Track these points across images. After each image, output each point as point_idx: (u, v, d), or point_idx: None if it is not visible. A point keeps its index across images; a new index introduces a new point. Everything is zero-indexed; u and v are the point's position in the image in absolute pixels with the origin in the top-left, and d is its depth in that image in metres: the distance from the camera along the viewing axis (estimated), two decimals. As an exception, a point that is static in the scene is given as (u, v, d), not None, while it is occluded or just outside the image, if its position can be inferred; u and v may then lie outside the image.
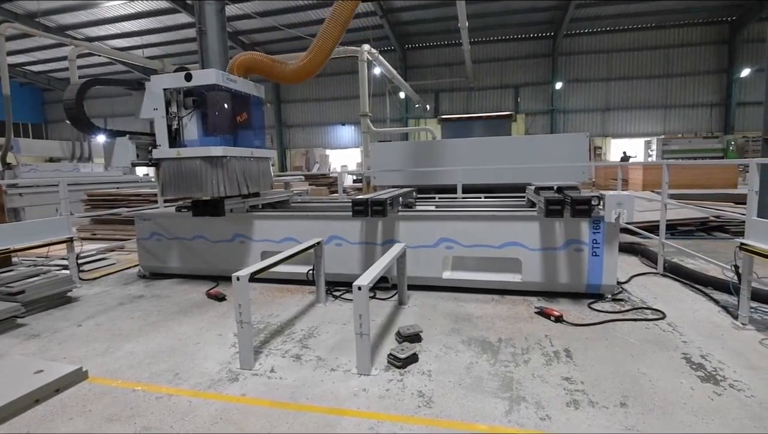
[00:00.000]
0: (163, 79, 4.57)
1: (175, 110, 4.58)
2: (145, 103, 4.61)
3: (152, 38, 22.14)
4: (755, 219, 3.33)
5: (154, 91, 4.56)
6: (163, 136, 4.59)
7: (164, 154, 4.61)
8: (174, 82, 4.52)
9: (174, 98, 4.57)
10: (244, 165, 4.90)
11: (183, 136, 4.64)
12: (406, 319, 3.68)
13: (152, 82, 4.56)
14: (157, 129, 4.60)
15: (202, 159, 4.50)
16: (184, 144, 4.63)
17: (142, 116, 4.66)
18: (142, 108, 4.63)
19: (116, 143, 4.59)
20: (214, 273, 5.05)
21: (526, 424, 2.22)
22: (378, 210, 4.10)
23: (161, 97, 4.55)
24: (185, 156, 4.54)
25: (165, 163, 4.65)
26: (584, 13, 20.78)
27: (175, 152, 4.56)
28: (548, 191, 4.32)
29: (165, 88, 4.54)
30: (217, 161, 4.51)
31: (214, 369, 2.91)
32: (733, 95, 21.97)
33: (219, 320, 3.82)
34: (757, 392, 2.44)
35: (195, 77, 4.43)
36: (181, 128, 4.61)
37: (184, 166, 4.56)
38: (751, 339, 3.12)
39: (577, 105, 24.31)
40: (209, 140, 4.57)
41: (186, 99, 4.60)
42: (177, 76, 4.51)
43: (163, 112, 4.56)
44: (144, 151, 4.75)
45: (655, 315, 3.62)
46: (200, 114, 4.61)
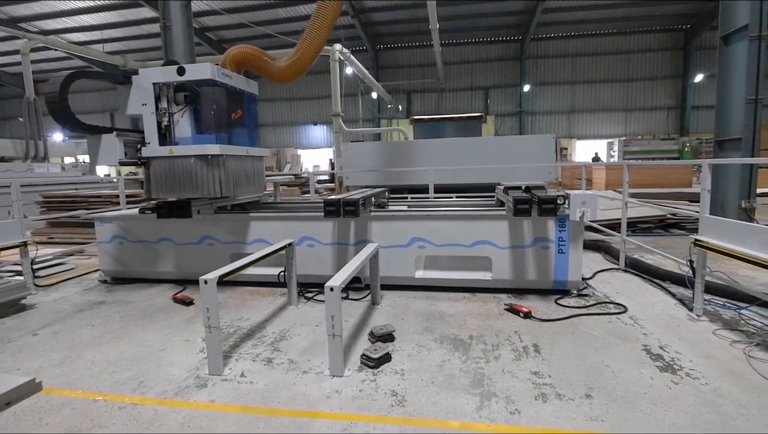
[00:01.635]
0: (153, 73, 4.29)
1: (165, 106, 4.32)
2: (132, 98, 4.32)
3: (113, 32, 21.27)
4: (708, 217, 3.53)
5: (142, 86, 4.28)
6: (153, 133, 4.32)
7: (155, 152, 4.35)
8: (165, 76, 4.25)
9: (164, 93, 4.31)
10: (240, 164, 4.72)
11: (174, 134, 4.40)
12: (380, 319, 3.69)
13: (141, 76, 4.27)
14: (146, 126, 4.32)
15: (197, 157, 4.27)
16: (175, 142, 4.39)
17: (129, 112, 4.39)
18: (129, 103, 4.35)
19: (102, 140, 4.34)
20: (181, 277, 4.90)
21: (497, 419, 2.26)
22: (350, 210, 4.08)
23: (150, 92, 4.27)
24: (178, 154, 4.31)
25: (156, 161, 4.38)
26: (550, 18, 21.43)
27: (167, 150, 4.30)
28: (516, 191, 4.42)
29: (155, 82, 4.27)
30: (213, 160, 4.30)
31: (181, 375, 2.81)
32: (688, 99, 23.25)
33: (186, 325, 3.70)
34: (710, 380, 2.58)
35: (188, 71, 4.19)
36: (173, 125, 4.37)
37: (177, 165, 4.32)
38: (705, 330, 3.30)
39: (544, 107, 25.06)
40: (204, 138, 4.35)
41: (177, 94, 4.34)
42: (168, 70, 4.25)
43: (153, 108, 4.29)
44: (132, 150, 4.51)
45: (617, 309, 3.78)
46: (193, 110, 4.38)
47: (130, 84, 4.33)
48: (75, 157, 17.87)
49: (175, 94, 4.34)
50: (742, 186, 6.35)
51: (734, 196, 6.39)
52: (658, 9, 20.69)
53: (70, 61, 23.45)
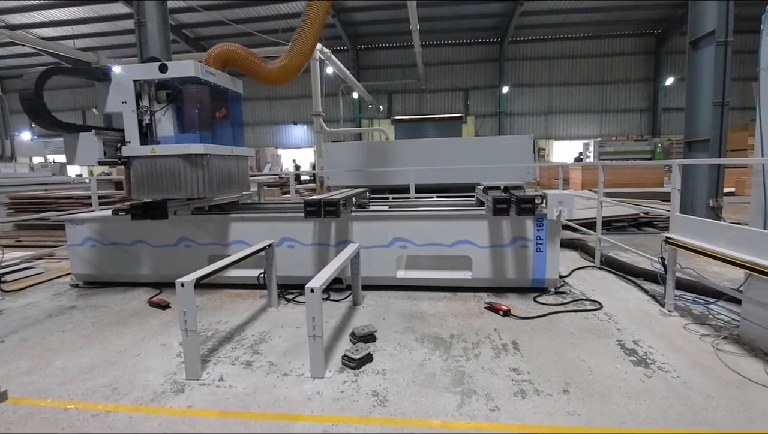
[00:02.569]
0: (134, 70, 4.19)
1: (146, 104, 4.21)
2: (111, 95, 4.19)
3: (84, 28, 20.61)
4: (678, 215, 3.65)
5: (122, 83, 4.15)
6: (134, 132, 4.19)
7: (136, 151, 4.22)
8: (146, 73, 4.15)
9: (146, 91, 4.20)
10: (225, 164, 4.63)
11: (156, 132, 4.28)
12: (361, 320, 3.68)
13: (121, 73, 4.15)
14: (127, 124, 4.20)
15: (180, 157, 4.17)
16: (157, 141, 4.28)
17: (108, 110, 4.27)
18: (108, 101, 4.22)
19: (80, 139, 4.16)
20: (157, 280, 4.77)
21: (477, 416, 2.29)
22: (331, 210, 4.06)
23: (131, 90, 4.15)
24: (161, 154, 4.19)
25: (137, 161, 4.25)
26: (528, 21, 21.83)
27: (149, 149, 4.19)
28: (496, 191, 4.48)
29: (136, 79, 4.16)
30: (197, 160, 4.20)
31: (157, 381, 2.74)
32: (660, 101, 24.06)
33: (162, 329, 3.61)
34: (681, 373, 2.67)
35: (171, 68, 4.10)
36: (154, 123, 4.26)
37: (160, 165, 4.20)
38: (676, 325, 3.42)
39: (523, 108, 25.51)
40: (187, 137, 4.24)
41: (159, 92, 4.24)
42: (150, 67, 4.15)
43: (134, 106, 4.17)
44: (111, 149, 4.34)
45: (593, 306, 3.87)
46: (176, 108, 4.28)
47: (109, 81, 4.20)
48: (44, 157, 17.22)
49: (156, 91, 4.24)
50: (710, 185, 6.60)
51: (703, 195, 6.64)
52: (630, 14, 21.34)
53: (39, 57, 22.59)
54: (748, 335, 3.04)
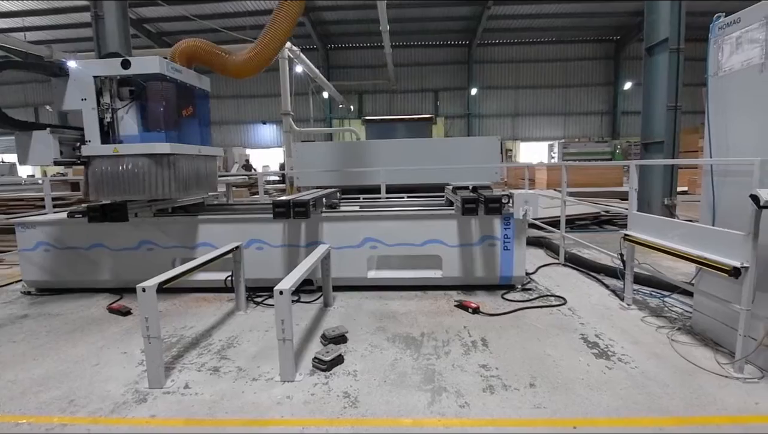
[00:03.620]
0: (94, 66, 3.99)
1: (108, 101, 4.01)
2: (68, 92, 3.99)
3: (36, 20, 19.48)
4: (635, 213, 3.83)
5: (81, 79, 3.95)
6: (94, 131, 3.99)
7: (98, 150, 4.01)
8: (107, 70, 3.96)
9: (107, 87, 4.01)
10: (192, 164, 4.48)
11: (118, 131, 4.09)
12: (332, 321, 3.65)
13: (79, 69, 3.95)
14: (86, 122, 4.00)
15: (145, 156, 4.00)
16: (120, 140, 4.08)
17: (66, 107, 4.06)
18: (65, 97, 4.01)
19: (33, 138, 3.91)
20: (118, 286, 4.56)
21: (447, 413, 2.31)
22: (300, 211, 4.01)
23: (91, 86, 3.95)
24: (124, 153, 4.01)
25: (97, 160, 4.04)
26: (495, 25, 22.35)
27: (111, 149, 4.00)
28: (464, 191, 4.56)
29: (96, 75, 3.96)
30: (162, 159, 4.05)
31: (117, 391, 2.62)
32: (619, 105, 25.18)
33: (123, 336, 3.46)
34: (639, 364, 2.80)
35: (134, 65, 3.92)
36: (116, 122, 4.07)
37: (123, 165, 4.01)
38: (635, 318, 3.58)
39: (491, 110, 26.08)
40: (152, 136, 4.07)
41: (121, 89, 4.07)
42: (111, 63, 3.95)
43: (94, 103, 3.97)
44: (69, 148, 4.12)
45: (558, 302, 4.00)
46: (139, 106, 4.10)
47: (67, 77, 3.99)
48: (-8, 157, 16.14)
49: (118, 88, 4.07)
50: (665, 185, 6.97)
51: (658, 194, 7.00)
52: (591, 21, 22.23)
53: (-15, 50, 21.17)
54: (700, 326, 3.22)
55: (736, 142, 2.89)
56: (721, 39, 2.97)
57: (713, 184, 3.07)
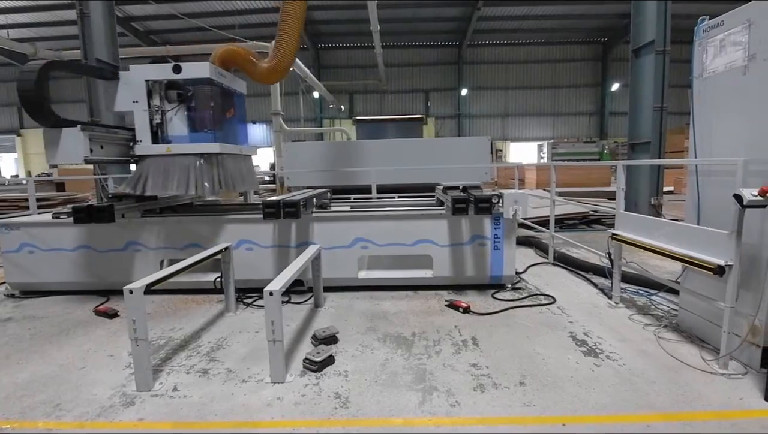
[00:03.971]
0: (146, 70, 4.23)
1: (158, 103, 4.25)
2: (120, 94, 4.24)
3: (19, 17, 19.10)
4: (623, 213, 3.88)
5: (133, 82, 4.19)
6: (145, 131, 4.23)
7: (151, 150, 4.25)
8: (159, 74, 4.21)
9: (156, 91, 4.24)
10: (236, 162, 4.71)
11: (167, 131, 4.33)
12: (323, 321, 3.64)
13: (132, 73, 4.20)
14: (138, 123, 4.25)
15: (196, 155, 4.23)
16: (168, 139, 4.33)
17: (117, 108, 4.32)
18: (117, 99, 4.26)
19: (63, 135, 3.89)
20: (104, 288, 4.50)
21: (438, 412, 2.32)
22: (291, 211, 3.99)
23: (143, 89, 4.19)
24: (176, 152, 4.23)
25: (150, 159, 4.26)
26: (485, 26, 22.47)
27: (164, 148, 4.23)
28: (455, 191, 4.58)
29: (148, 79, 4.20)
30: (212, 158, 4.30)
31: (104, 394, 2.58)
32: (606, 106, 25.50)
33: (110, 339, 3.40)
34: (627, 361, 2.84)
35: (185, 70, 4.17)
36: (165, 123, 4.31)
37: (175, 164, 4.23)
38: (622, 316, 3.63)
39: (481, 111, 26.22)
40: (200, 136, 4.32)
41: (169, 92, 4.29)
42: (163, 67, 4.22)
43: (145, 105, 4.20)
44: (120, 147, 4.30)
45: (547, 300, 4.04)
46: (187, 108, 4.35)
47: (117, 80, 4.24)
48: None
49: (166, 91, 4.30)
50: (652, 185, 7.07)
51: (645, 193, 7.10)
52: (579, 22, 22.47)
53: (-34, 47, 20.68)
54: (686, 323, 3.28)
55: (719, 142, 2.95)
56: (705, 41, 3.02)
57: (698, 183, 3.13)
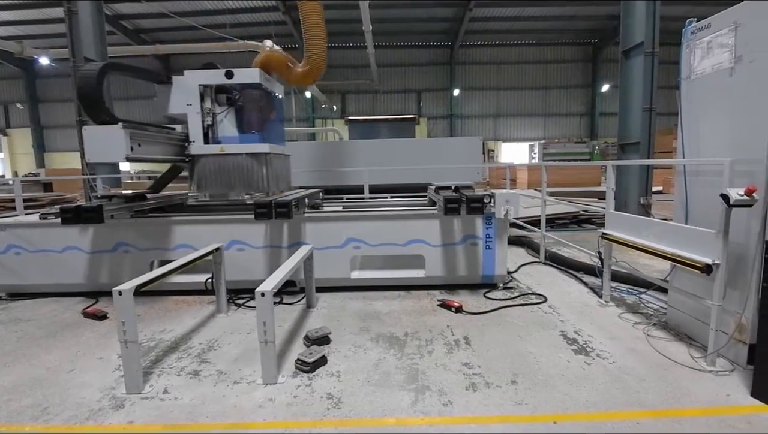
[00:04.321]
0: (200, 75, 4.52)
1: (208, 106, 4.54)
2: (173, 98, 4.51)
3: (5, 15, 18.76)
4: (612, 213, 3.92)
5: (187, 86, 4.48)
6: (198, 132, 4.52)
7: (205, 150, 4.55)
8: (212, 79, 4.50)
9: (208, 94, 4.55)
10: (279, 161, 5.00)
11: (217, 132, 4.63)
12: (315, 322, 3.63)
13: (186, 77, 4.48)
14: (191, 124, 4.52)
15: (247, 155, 4.55)
16: (218, 140, 4.62)
17: (171, 111, 4.56)
18: (171, 103, 4.52)
19: (104, 133, 3.87)
20: (93, 289, 4.44)
21: (431, 412, 2.32)
22: (282, 212, 3.97)
23: (196, 93, 4.47)
24: (229, 152, 4.54)
25: (204, 159, 4.56)
26: (477, 27, 22.54)
27: (218, 148, 4.52)
28: (447, 190, 4.59)
29: (201, 84, 4.49)
30: (262, 158, 4.60)
31: (93, 397, 2.55)
32: (597, 106, 25.73)
33: (99, 341, 3.36)
34: (617, 359, 2.87)
35: (237, 75, 4.47)
36: (216, 124, 4.61)
37: (228, 163, 4.55)
38: (612, 314, 3.67)
39: (473, 111, 26.30)
40: (249, 137, 4.64)
41: (218, 95, 4.60)
42: (217, 73, 4.51)
43: (198, 108, 4.49)
44: (174, 147, 4.52)
45: (538, 299, 4.07)
46: (236, 110, 4.67)
47: (171, 84, 4.49)
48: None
49: (216, 95, 4.60)
50: (641, 184, 7.16)
51: (634, 193, 7.18)
52: (570, 24, 22.65)
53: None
54: (674, 321, 3.32)
55: (707, 143, 2.99)
56: (693, 43, 3.06)
57: (686, 183, 3.17)
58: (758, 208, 2.48)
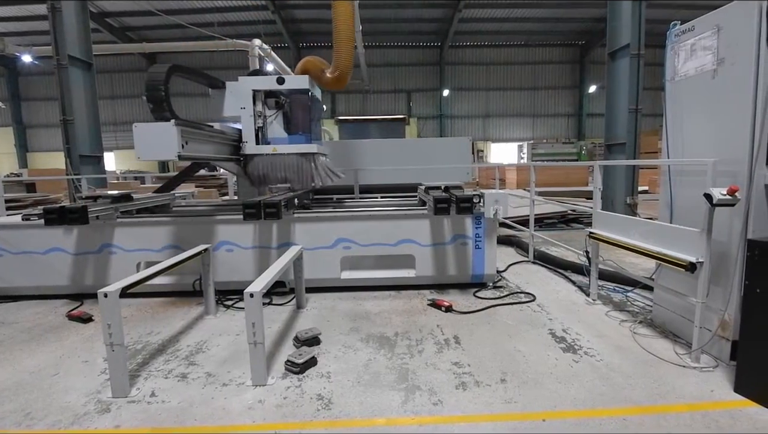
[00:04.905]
0: (253, 81, 4.78)
1: (259, 109, 4.80)
2: (227, 101, 4.79)
3: (-14, 12, 18.33)
4: (599, 212, 3.97)
5: (241, 91, 4.73)
6: (251, 133, 4.76)
7: (258, 149, 4.78)
8: (264, 84, 4.75)
9: (258, 98, 4.80)
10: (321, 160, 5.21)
11: (266, 134, 4.90)
12: (305, 323, 3.61)
13: (240, 83, 4.73)
14: (244, 126, 4.77)
15: (298, 155, 4.81)
16: (267, 141, 4.88)
17: (226, 114, 4.84)
18: (225, 106, 4.81)
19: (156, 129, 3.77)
20: (78, 291, 4.36)
21: (421, 411, 2.33)
22: (272, 212, 3.93)
23: (250, 97, 4.71)
24: (281, 152, 4.78)
25: (258, 158, 4.79)
26: (466, 28, 22.66)
27: (270, 148, 4.78)
28: (437, 191, 4.60)
29: (254, 89, 4.73)
30: (311, 157, 4.85)
31: (78, 401, 2.50)
32: (584, 107, 26.06)
33: (84, 344, 3.30)
34: (604, 356, 2.91)
35: (288, 81, 4.76)
36: (266, 126, 4.90)
37: (280, 162, 4.81)
38: (599, 312, 3.72)
39: (462, 111, 26.44)
40: (297, 138, 4.94)
41: (268, 99, 4.89)
42: (268, 79, 4.81)
43: (251, 111, 4.73)
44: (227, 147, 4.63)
45: (527, 298, 4.10)
46: (284, 113, 5.04)
47: (224, 89, 4.78)
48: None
49: (266, 99, 4.88)
50: (627, 184, 7.27)
51: (621, 193, 7.30)
52: (557, 26, 22.90)
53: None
54: (660, 318, 3.38)
55: (691, 143, 3.05)
56: (677, 46, 3.12)
57: (671, 183, 3.23)
58: (740, 207, 2.53)
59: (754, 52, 2.45)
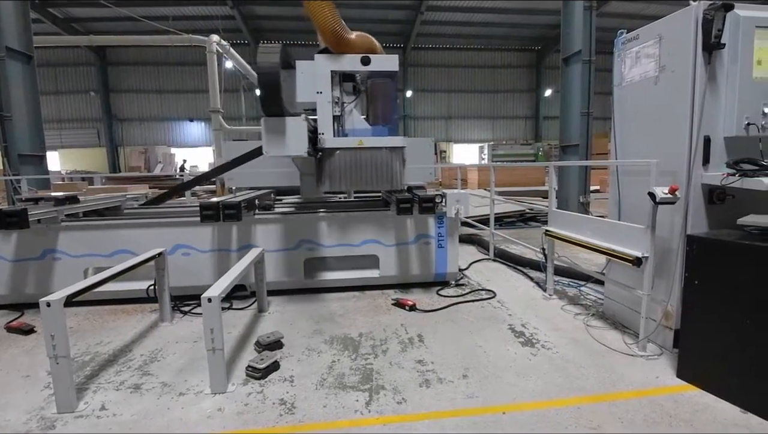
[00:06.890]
0: (331, 61, 3.97)
1: (337, 95, 4.03)
2: (301, 84, 3.96)
3: None
4: (555, 211, 4.14)
5: (317, 73, 3.94)
6: (328, 124, 3.98)
7: (342, 142, 4.01)
8: (346, 65, 3.98)
9: (335, 82, 4.03)
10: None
11: (344, 124, 4.13)
12: (267, 327, 3.53)
13: (316, 63, 3.93)
14: (321, 115, 3.97)
15: (387, 149, 4.07)
16: (345, 133, 4.13)
17: (298, 99, 4.03)
18: (297, 89, 3.97)
19: (289, 125, 3.57)
20: (18, 301, 4.04)
21: (385, 411, 2.34)
22: (231, 214, 3.82)
23: (328, 80, 3.94)
24: (368, 146, 4.03)
25: (340, 153, 4.02)
26: (428, 30, 22.98)
27: (356, 141, 4.03)
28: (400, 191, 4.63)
29: (333, 70, 3.95)
30: (399, 152, 4.15)
31: (19, 419, 2.32)
32: (541, 110, 27.12)
33: (24, 358, 3.06)
34: (560, 349, 3.04)
35: (374, 62, 3.99)
36: (344, 115, 4.12)
37: (365, 157, 4.05)
38: (556, 307, 3.88)
39: (425, 112, 26.80)
40: (381, 129, 4.18)
41: (345, 84, 4.15)
42: (352, 58, 3.99)
43: (329, 97, 3.95)
44: None
45: (488, 295, 4.22)
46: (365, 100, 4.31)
47: (294, 69, 4.00)
48: None
49: (342, 83, 4.12)
50: (580, 184, 7.63)
51: (575, 192, 7.65)
52: (514, 31, 23.69)
53: None
54: (610, 311, 3.57)
55: (636, 145, 3.24)
56: (623, 53, 3.30)
57: (619, 183, 3.41)
58: (680, 205, 2.72)
59: (691, 60, 2.64)
